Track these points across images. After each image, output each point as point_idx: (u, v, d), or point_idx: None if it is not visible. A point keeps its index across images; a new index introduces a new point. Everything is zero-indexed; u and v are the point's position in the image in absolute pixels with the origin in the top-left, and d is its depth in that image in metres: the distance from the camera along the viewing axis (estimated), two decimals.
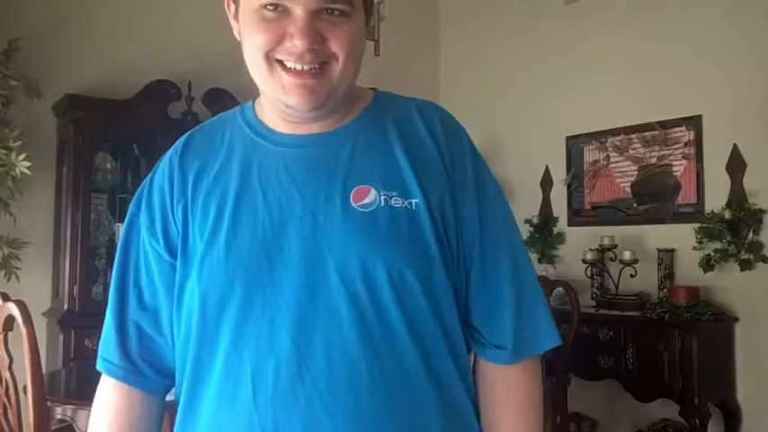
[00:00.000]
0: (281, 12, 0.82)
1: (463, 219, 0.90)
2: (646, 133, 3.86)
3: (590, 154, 4.16)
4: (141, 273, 0.95)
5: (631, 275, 3.71)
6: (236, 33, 0.91)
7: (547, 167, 4.37)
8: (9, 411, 1.80)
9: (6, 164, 2.89)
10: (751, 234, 3.37)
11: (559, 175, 4.31)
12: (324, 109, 0.88)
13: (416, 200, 0.87)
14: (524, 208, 4.44)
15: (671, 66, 3.75)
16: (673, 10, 3.77)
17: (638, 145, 3.90)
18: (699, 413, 3.20)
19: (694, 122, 3.65)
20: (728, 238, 3.38)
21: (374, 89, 0.99)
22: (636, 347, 3.42)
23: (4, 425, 1.81)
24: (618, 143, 4.01)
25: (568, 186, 4.26)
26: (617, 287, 3.77)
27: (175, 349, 0.93)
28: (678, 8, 3.75)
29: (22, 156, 2.91)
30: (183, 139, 0.99)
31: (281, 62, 0.84)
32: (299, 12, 0.81)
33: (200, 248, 0.88)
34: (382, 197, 0.86)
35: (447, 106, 0.98)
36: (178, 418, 0.93)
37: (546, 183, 4.39)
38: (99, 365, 0.97)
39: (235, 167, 0.91)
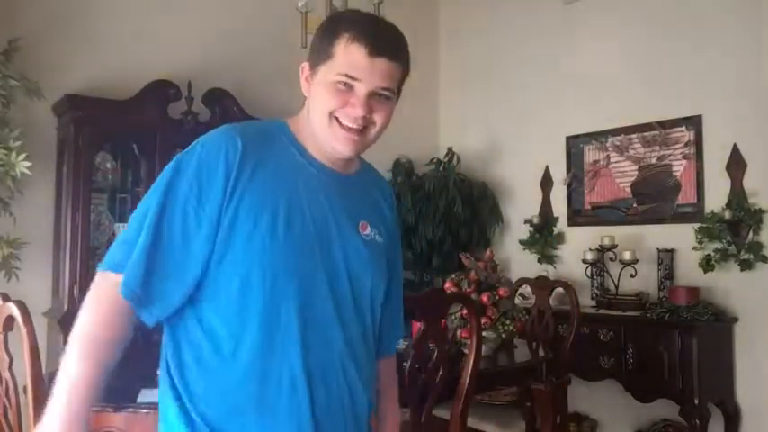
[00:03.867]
0: (348, 88, 1.16)
1: (392, 258, 1.38)
2: (646, 133, 3.86)
3: (590, 154, 4.17)
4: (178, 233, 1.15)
5: (631, 275, 3.72)
6: (303, 89, 1.23)
7: (547, 167, 4.38)
8: (9, 411, 1.80)
9: (6, 164, 2.89)
10: (751, 234, 3.37)
11: (559, 175, 4.31)
12: (353, 157, 1.25)
13: (383, 240, 1.31)
14: (524, 208, 4.45)
15: (671, 66, 3.75)
16: (673, 10, 3.78)
17: (638, 145, 3.90)
18: (699, 413, 3.20)
19: (694, 122, 3.65)
20: (728, 238, 3.39)
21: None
22: (636, 347, 3.43)
23: (4, 425, 1.81)
24: (618, 143, 4.01)
25: (568, 186, 4.26)
26: (617, 287, 3.77)
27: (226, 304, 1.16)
28: (678, 8, 3.76)
29: (22, 156, 2.91)
30: (234, 131, 1.18)
31: (338, 120, 1.18)
32: (361, 91, 1.16)
33: (247, 229, 1.12)
34: (374, 232, 1.28)
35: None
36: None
37: (546, 183, 4.39)
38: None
39: (286, 176, 1.19)
